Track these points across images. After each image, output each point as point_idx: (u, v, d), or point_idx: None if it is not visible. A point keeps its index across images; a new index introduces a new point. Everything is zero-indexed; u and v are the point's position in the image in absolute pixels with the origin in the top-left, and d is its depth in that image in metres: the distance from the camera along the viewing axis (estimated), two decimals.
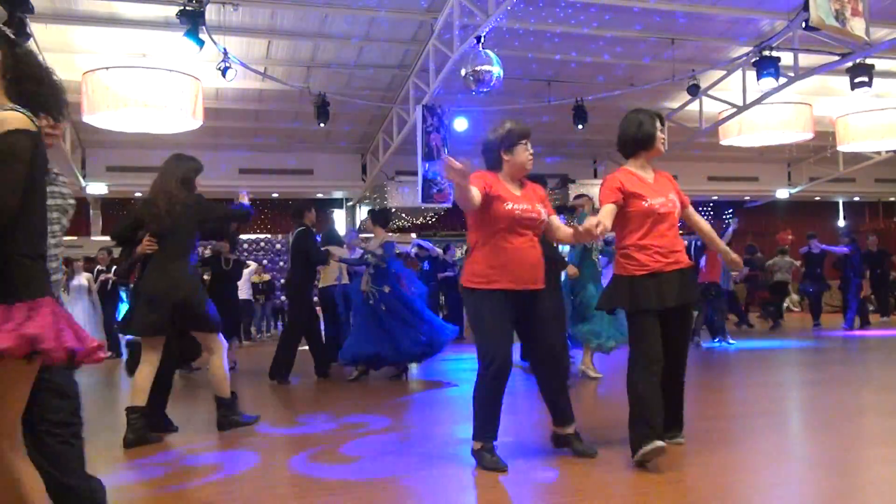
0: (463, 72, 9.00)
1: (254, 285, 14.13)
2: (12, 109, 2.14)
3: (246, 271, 13.49)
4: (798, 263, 13.89)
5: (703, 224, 4.11)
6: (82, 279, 11.08)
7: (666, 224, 3.80)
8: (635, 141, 3.86)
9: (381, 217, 7.74)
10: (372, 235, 7.72)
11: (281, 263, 16.55)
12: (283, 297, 13.86)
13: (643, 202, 3.75)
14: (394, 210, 16.48)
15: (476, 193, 3.54)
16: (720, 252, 4.25)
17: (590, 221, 3.51)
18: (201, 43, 8.45)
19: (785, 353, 9.52)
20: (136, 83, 9.90)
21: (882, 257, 13.76)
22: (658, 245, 3.76)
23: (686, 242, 9.14)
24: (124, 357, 9.82)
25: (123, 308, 11.69)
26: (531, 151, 3.77)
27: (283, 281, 13.78)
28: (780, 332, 12.62)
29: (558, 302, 6.13)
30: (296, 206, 8.35)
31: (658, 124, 3.88)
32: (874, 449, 4.02)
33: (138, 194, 15.34)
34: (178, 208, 4.52)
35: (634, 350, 3.75)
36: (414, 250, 12.78)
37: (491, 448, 3.65)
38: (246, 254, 16.78)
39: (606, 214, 3.66)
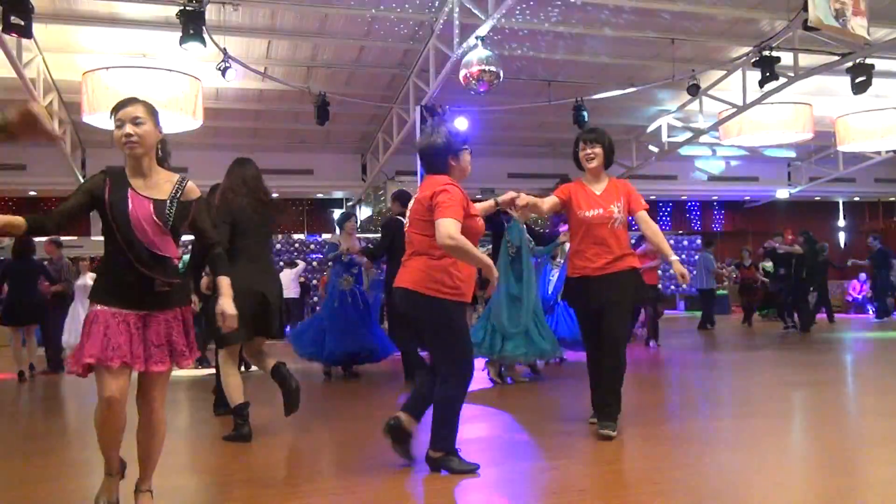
0: (463, 72, 9.00)
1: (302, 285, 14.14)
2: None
3: (294, 270, 13.51)
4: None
5: (648, 230, 4.33)
6: (87, 279, 11.04)
7: (603, 232, 4.19)
8: (575, 160, 4.40)
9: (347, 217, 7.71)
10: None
11: (280, 263, 16.56)
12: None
13: (578, 212, 4.25)
14: None
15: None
16: (669, 262, 4.25)
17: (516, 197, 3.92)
18: None
19: (784, 353, 9.51)
20: (137, 83, 9.88)
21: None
22: (591, 251, 4.20)
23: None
24: None
25: None
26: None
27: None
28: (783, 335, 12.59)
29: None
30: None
31: (581, 143, 4.32)
32: (874, 449, 4.02)
33: None
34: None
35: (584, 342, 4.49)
36: None
37: (455, 452, 3.60)
38: None
39: (546, 200, 4.29)
